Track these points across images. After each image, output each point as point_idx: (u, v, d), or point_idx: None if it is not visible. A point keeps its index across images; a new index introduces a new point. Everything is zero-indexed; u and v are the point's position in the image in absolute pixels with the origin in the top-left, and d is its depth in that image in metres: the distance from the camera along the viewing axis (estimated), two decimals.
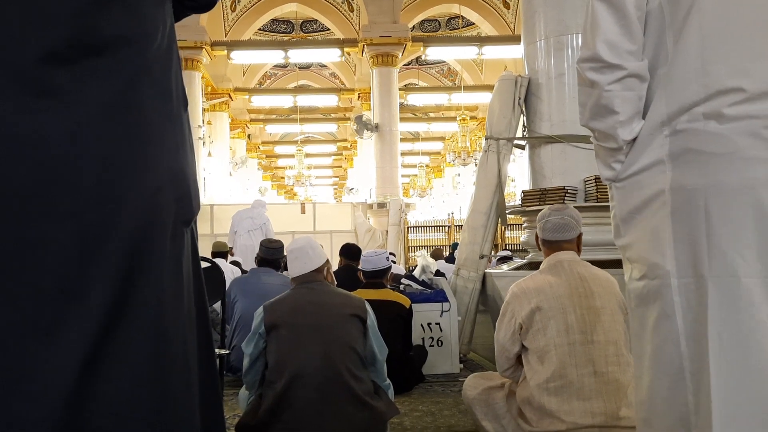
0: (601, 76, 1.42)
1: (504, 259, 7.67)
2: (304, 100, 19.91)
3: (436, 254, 9.74)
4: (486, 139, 5.25)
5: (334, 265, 5.17)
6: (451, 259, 8.82)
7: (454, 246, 9.74)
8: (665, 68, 1.40)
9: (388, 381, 2.78)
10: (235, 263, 6.64)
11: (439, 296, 4.66)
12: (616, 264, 4.58)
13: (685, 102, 1.36)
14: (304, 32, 19.49)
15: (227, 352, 4.00)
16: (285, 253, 4.53)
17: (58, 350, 0.96)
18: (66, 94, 1.00)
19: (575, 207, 4.61)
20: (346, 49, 15.46)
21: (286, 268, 4.60)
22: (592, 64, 1.43)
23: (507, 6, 16.67)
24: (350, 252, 5.35)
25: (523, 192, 5.15)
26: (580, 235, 2.72)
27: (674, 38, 1.38)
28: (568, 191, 4.69)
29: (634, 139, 1.44)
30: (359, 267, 4.29)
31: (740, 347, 1.25)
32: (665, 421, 1.36)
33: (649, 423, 1.41)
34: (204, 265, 2.22)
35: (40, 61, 0.97)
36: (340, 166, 28.67)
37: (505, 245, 12.67)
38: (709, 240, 1.30)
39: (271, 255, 4.57)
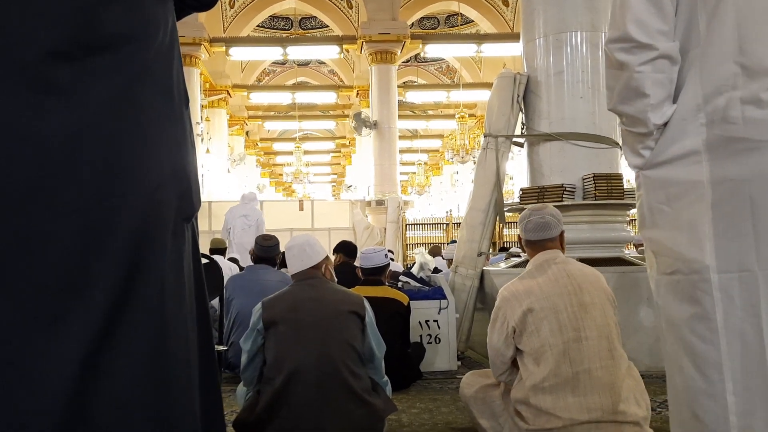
0: (631, 56, 1.36)
1: (511, 255, 7.67)
2: (303, 97, 19.90)
3: (435, 251, 9.75)
4: (485, 136, 5.26)
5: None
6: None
7: (450, 245, 9.73)
8: (698, 49, 1.34)
9: (386, 378, 2.79)
10: (233, 260, 6.64)
11: (437, 293, 4.67)
12: (613, 262, 4.62)
13: (721, 84, 1.30)
14: (303, 29, 19.47)
15: (225, 348, 4.01)
16: (281, 250, 4.55)
17: (60, 345, 0.97)
18: (68, 92, 1.00)
19: (573, 205, 4.66)
20: (344, 46, 15.45)
21: (282, 265, 4.62)
22: (621, 44, 1.37)
23: (506, 3, 16.66)
24: (347, 249, 5.35)
25: (521, 189, 5.15)
26: (562, 233, 2.73)
27: (707, 18, 1.33)
28: (567, 189, 4.69)
29: (665, 125, 1.38)
30: (357, 264, 4.29)
31: None
32: (699, 423, 1.31)
33: (684, 422, 1.37)
34: (202, 261, 2.22)
35: (43, 59, 0.98)
36: (339, 164, 28.67)
37: (503, 243, 12.68)
38: (756, 233, 1.25)
39: (267, 252, 4.57)
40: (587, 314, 2.50)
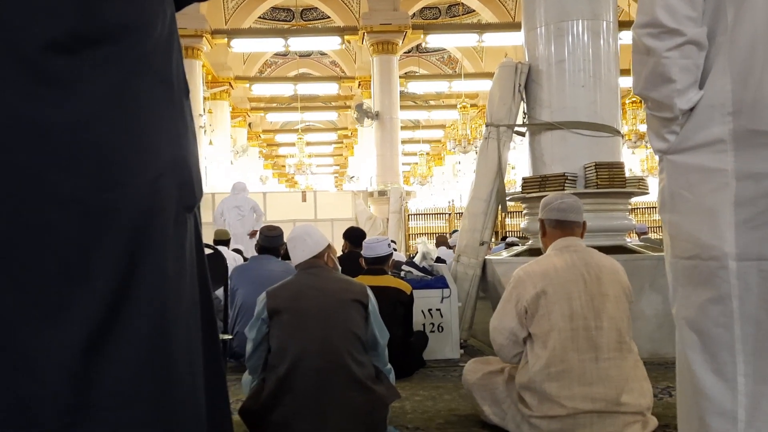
0: (659, 42, 1.37)
1: (510, 245, 7.69)
2: (305, 89, 19.85)
3: (441, 240, 9.79)
4: (486, 126, 5.25)
5: (340, 249, 5.16)
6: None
7: (454, 233, 9.76)
8: (726, 36, 1.35)
9: (390, 365, 2.81)
10: (237, 251, 6.66)
11: (440, 282, 4.69)
12: (616, 250, 4.63)
13: (749, 73, 1.31)
14: (304, 20, 19.41)
15: (230, 337, 4.04)
16: (285, 240, 4.56)
17: (62, 332, 0.98)
18: (68, 83, 1.01)
19: (575, 194, 4.66)
20: (346, 37, 15.39)
21: (286, 256, 4.64)
22: (650, 29, 1.38)
23: None
24: (354, 236, 5.32)
25: (523, 179, 5.15)
26: (584, 224, 2.74)
27: (736, 4, 1.33)
28: (568, 178, 4.70)
29: (691, 110, 1.39)
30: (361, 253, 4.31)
31: None
32: (708, 401, 1.35)
33: (691, 402, 1.41)
34: (206, 251, 2.24)
35: (43, 49, 0.98)
36: (341, 155, 28.63)
37: (506, 232, 12.69)
38: None
39: (271, 242, 4.59)
40: (600, 305, 2.51)
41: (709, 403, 1.33)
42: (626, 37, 9.77)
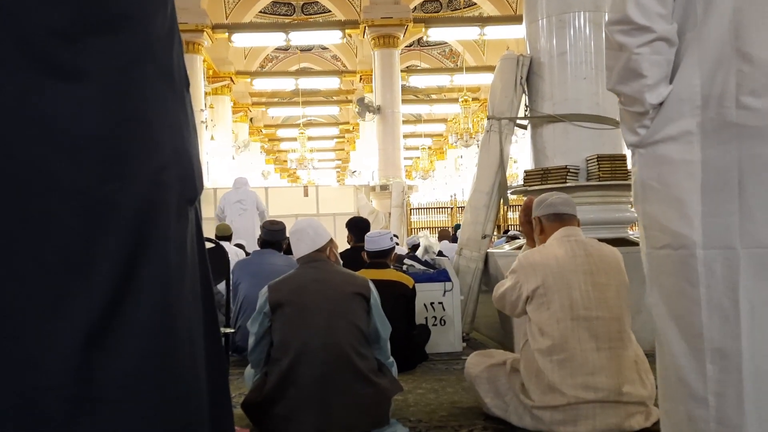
0: (630, 38, 1.41)
1: (512, 238, 7.70)
2: (306, 83, 19.83)
3: (443, 234, 9.82)
4: (488, 119, 5.24)
5: (343, 243, 5.11)
6: (454, 240, 8.85)
7: (456, 227, 9.79)
8: (695, 32, 1.38)
9: (392, 359, 2.82)
10: (239, 246, 6.67)
11: (442, 276, 4.69)
12: (618, 243, 4.62)
13: (717, 68, 1.34)
14: (305, 14, 19.38)
15: (233, 330, 4.05)
16: (287, 235, 4.56)
17: (64, 324, 0.98)
18: (70, 73, 1.00)
19: (577, 186, 4.66)
20: (347, 31, 15.37)
21: (288, 250, 4.64)
22: (621, 26, 1.42)
23: None
24: (357, 228, 5.19)
25: (525, 171, 5.15)
26: (578, 221, 2.78)
27: (705, 1, 1.37)
28: (570, 170, 4.69)
29: (661, 104, 1.43)
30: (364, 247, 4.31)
31: None
32: (683, 387, 1.39)
33: (671, 388, 1.45)
34: (208, 245, 2.25)
35: (46, 39, 0.98)
36: (343, 149, 28.64)
37: (508, 226, 12.69)
38: (741, 213, 1.31)
39: (274, 237, 4.59)
40: (601, 294, 2.52)
41: (686, 388, 1.38)
42: None
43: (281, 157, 29.49)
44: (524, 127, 5.31)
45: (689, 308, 1.37)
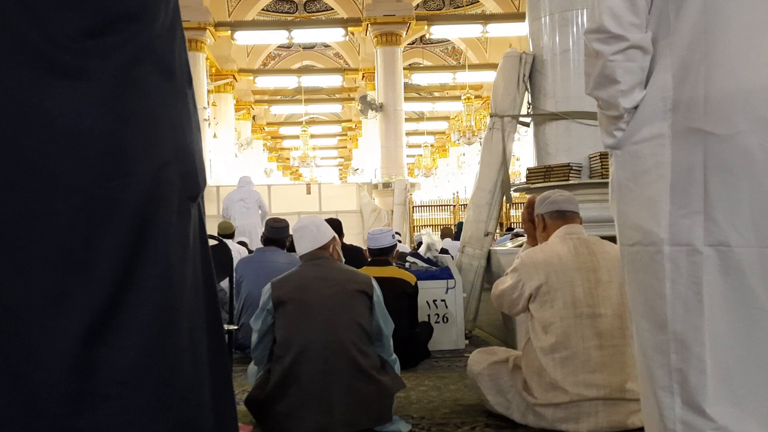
0: (606, 46, 1.47)
1: (515, 236, 7.69)
2: (309, 81, 19.83)
3: (446, 232, 9.82)
4: (491, 116, 5.24)
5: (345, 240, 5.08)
6: (457, 238, 8.86)
7: (459, 225, 9.79)
8: (667, 39, 1.45)
9: (395, 356, 2.82)
10: (242, 243, 6.68)
11: (444, 273, 4.69)
12: None
13: (687, 73, 1.41)
14: (308, 12, 19.35)
15: (236, 327, 4.05)
16: (290, 232, 4.56)
17: (64, 320, 0.98)
18: (72, 71, 1.01)
19: (580, 184, 4.66)
20: (350, 29, 15.36)
21: (291, 248, 4.64)
22: (598, 35, 1.48)
23: None
24: (333, 226, 5.23)
25: (527, 169, 5.14)
26: (581, 218, 2.79)
27: (676, 7, 1.43)
28: (573, 168, 4.68)
29: (635, 108, 1.49)
30: (368, 246, 4.30)
31: (733, 312, 1.37)
32: (653, 378, 1.47)
33: (642, 381, 1.54)
34: (211, 242, 2.25)
35: (48, 38, 0.99)
36: (345, 147, 28.63)
37: (511, 223, 12.68)
38: (706, 213, 1.38)
39: (276, 234, 4.60)
40: (603, 292, 2.52)
41: (656, 378, 1.46)
42: None
43: (284, 155, 29.49)
44: (527, 125, 5.31)
45: (656, 301, 1.44)
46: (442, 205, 14.98)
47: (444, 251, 6.33)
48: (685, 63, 1.42)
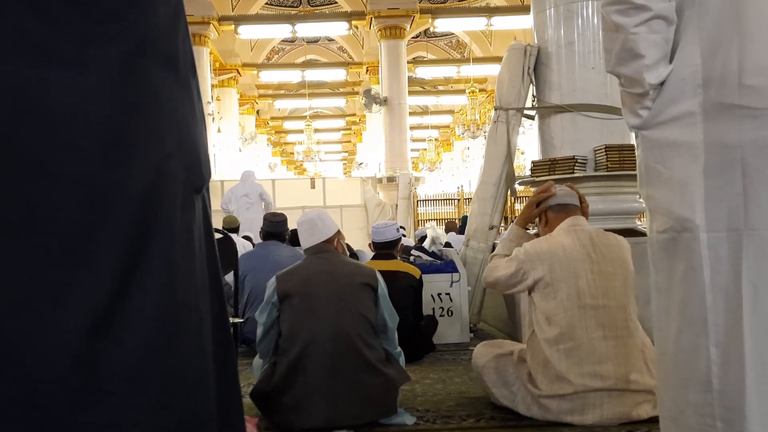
0: (627, 18, 1.38)
1: None
2: (313, 75, 19.81)
3: (450, 226, 9.82)
4: (495, 109, 5.22)
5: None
6: (461, 232, 8.86)
7: (464, 219, 9.78)
8: (694, 9, 1.35)
9: (400, 349, 2.82)
10: (247, 238, 6.68)
11: (449, 267, 4.69)
12: (626, 233, 4.60)
13: (718, 46, 1.32)
14: (311, 6, 19.31)
15: (241, 320, 4.06)
16: (289, 226, 4.57)
17: (67, 313, 0.97)
18: (72, 62, 0.99)
19: (585, 177, 4.64)
20: (353, 22, 15.34)
21: (291, 241, 4.65)
22: (617, 6, 1.39)
23: None
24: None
25: (532, 162, 5.13)
26: (585, 211, 2.80)
27: None
28: (578, 161, 4.66)
29: (662, 85, 1.40)
30: (372, 240, 4.30)
31: None
32: (686, 372, 1.37)
33: (670, 374, 1.43)
34: (216, 236, 2.25)
35: (46, 28, 0.98)
36: (349, 141, 28.61)
37: (515, 217, 12.66)
38: (746, 195, 1.29)
39: (276, 228, 4.61)
40: (607, 283, 2.53)
41: (688, 373, 1.36)
42: None
43: (288, 149, 29.49)
44: (532, 118, 5.29)
45: (693, 292, 1.35)
46: (446, 199, 14.96)
47: (448, 245, 6.33)
48: (715, 35, 1.32)
